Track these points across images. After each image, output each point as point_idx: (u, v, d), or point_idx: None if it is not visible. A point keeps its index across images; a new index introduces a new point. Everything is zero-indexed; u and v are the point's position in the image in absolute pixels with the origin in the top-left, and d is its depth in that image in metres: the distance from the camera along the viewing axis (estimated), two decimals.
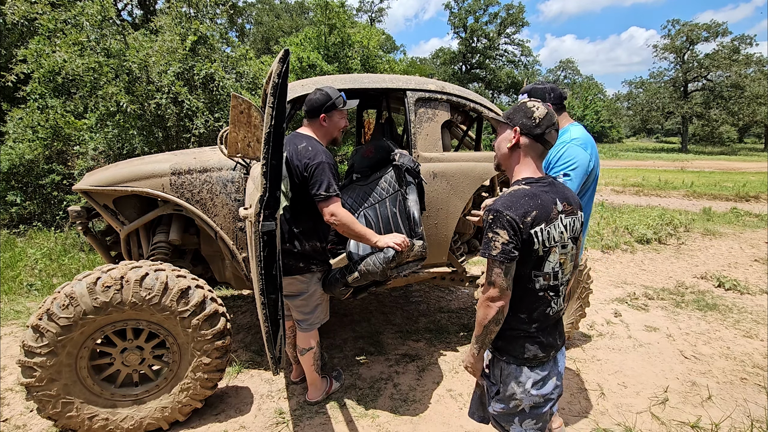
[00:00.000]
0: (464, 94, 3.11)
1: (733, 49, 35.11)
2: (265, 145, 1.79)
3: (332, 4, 8.79)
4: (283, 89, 1.85)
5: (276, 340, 2.04)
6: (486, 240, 1.39)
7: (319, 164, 2.17)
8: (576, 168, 1.95)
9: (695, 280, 5.13)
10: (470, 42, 44.45)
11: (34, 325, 2.07)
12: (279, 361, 2.09)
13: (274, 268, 1.97)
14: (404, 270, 2.33)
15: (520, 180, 1.48)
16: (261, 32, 28.05)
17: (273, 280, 1.97)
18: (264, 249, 1.88)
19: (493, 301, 1.39)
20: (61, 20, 5.83)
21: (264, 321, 1.96)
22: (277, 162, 1.92)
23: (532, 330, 1.47)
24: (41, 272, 4.92)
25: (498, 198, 1.42)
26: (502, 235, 1.35)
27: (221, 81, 6.27)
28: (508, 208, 1.37)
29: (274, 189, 1.89)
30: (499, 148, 1.55)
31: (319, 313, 2.48)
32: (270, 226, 1.88)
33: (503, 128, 1.53)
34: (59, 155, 6.90)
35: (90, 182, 2.64)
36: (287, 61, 1.86)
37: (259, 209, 1.83)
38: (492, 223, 1.37)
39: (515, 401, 1.49)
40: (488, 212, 1.39)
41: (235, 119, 2.43)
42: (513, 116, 1.49)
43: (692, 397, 2.81)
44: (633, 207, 9.77)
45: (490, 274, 1.39)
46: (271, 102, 1.78)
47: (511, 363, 1.49)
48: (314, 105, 2.33)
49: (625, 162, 25.21)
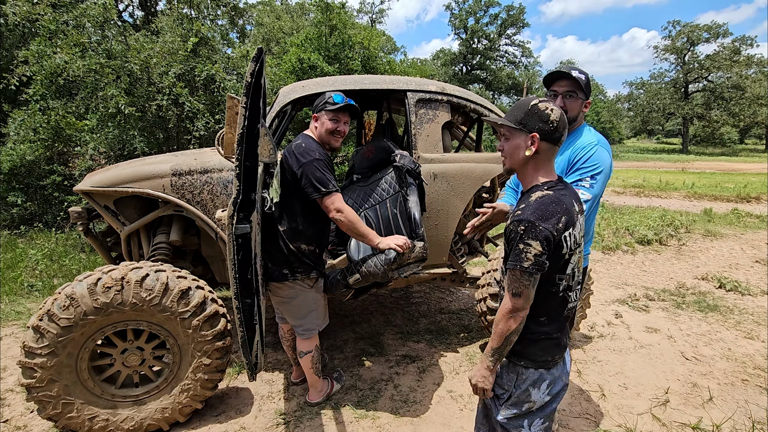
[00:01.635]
0: (465, 95, 3.11)
1: (734, 50, 35.12)
2: (238, 146, 1.73)
3: (333, 6, 8.80)
4: (256, 88, 1.82)
5: (252, 345, 2.00)
6: (517, 251, 1.33)
7: (310, 162, 2.10)
8: (602, 172, 1.92)
9: (696, 281, 5.12)
10: (471, 43, 44.48)
11: (34, 325, 2.07)
12: (255, 366, 2.04)
13: (250, 272, 1.94)
14: (405, 271, 2.33)
15: (541, 185, 1.43)
16: (262, 33, 28.06)
17: (248, 284, 1.93)
18: (238, 252, 1.83)
19: (518, 312, 1.36)
20: (62, 21, 5.84)
21: (239, 326, 1.90)
22: (251, 163, 1.88)
23: (552, 332, 1.46)
24: (42, 273, 4.92)
25: (525, 207, 1.36)
26: (535, 246, 1.31)
27: (222, 82, 6.28)
28: (540, 218, 1.32)
29: (249, 191, 1.85)
30: (513, 155, 1.45)
31: (314, 319, 2.43)
32: (244, 229, 1.84)
33: (516, 134, 1.43)
34: (60, 156, 6.91)
35: (91, 183, 2.65)
36: (261, 60, 1.82)
37: (233, 212, 1.78)
38: (524, 234, 1.32)
39: (529, 404, 1.47)
40: (518, 223, 1.33)
41: (231, 120, 2.43)
42: (527, 121, 1.40)
43: (693, 398, 2.80)
44: (634, 208, 9.76)
45: (517, 285, 1.35)
46: (244, 102, 1.74)
47: (530, 367, 1.45)
48: (314, 104, 2.35)
49: (625, 163, 25.19)
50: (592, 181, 1.89)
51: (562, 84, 1.95)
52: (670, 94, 38.74)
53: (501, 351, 1.42)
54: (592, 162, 1.91)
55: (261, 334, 2.10)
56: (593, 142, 1.95)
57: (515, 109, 1.44)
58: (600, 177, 1.90)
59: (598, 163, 1.91)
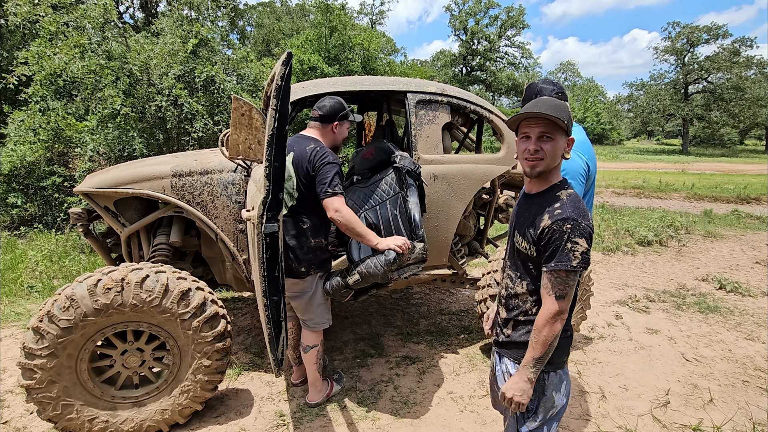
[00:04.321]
0: (465, 97, 3.11)
1: (734, 51, 35.16)
2: (268, 147, 1.79)
3: (333, 7, 8.81)
4: (286, 92, 1.86)
5: (278, 342, 2.04)
6: (564, 251, 1.30)
7: (328, 164, 2.25)
8: (573, 175, 1.96)
9: (696, 283, 5.12)
10: (471, 44, 44.53)
11: (34, 326, 2.07)
12: (281, 363, 2.09)
13: (277, 270, 1.97)
14: (405, 272, 2.33)
15: (560, 184, 1.42)
16: (262, 35, 28.13)
17: (275, 282, 1.97)
18: (266, 251, 1.88)
19: (563, 315, 1.32)
20: (63, 23, 5.85)
21: (266, 323, 1.96)
22: (279, 164, 1.92)
23: (569, 329, 1.46)
24: (42, 274, 4.92)
25: (562, 206, 1.34)
26: (581, 243, 1.29)
27: (222, 83, 6.29)
28: (581, 216, 1.31)
29: (277, 191, 1.89)
30: (555, 157, 1.38)
31: (324, 312, 2.52)
32: (273, 228, 1.88)
33: (560, 134, 1.37)
34: (60, 157, 6.91)
35: (91, 184, 2.65)
36: (290, 63, 1.86)
37: (262, 211, 1.83)
38: (571, 232, 1.29)
39: (552, 410, 1.46)
40: (563, 221, 1.31)
41: (236, 121, 2.43)
42: (569, 124, 1.36)
43: (694, 399, 2.80)
44: (634, 209, 9.76)
45: (563, 287, 1.31)
46: (275, 104, 1.78)
47: (551, 371, 1.44)
48: (330, 111, 2.40)
49: (625, 164, 25.19)
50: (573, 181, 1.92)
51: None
52: (670, 95, 38.77)
53: (544, 360, 1.36)
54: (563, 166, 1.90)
55: (286, 331, 2.13)
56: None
57: (556, 109, 1.32)
58: (570, 180, 1.91)
59: (565, 169, 1.93)
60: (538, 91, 2.01)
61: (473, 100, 3.14)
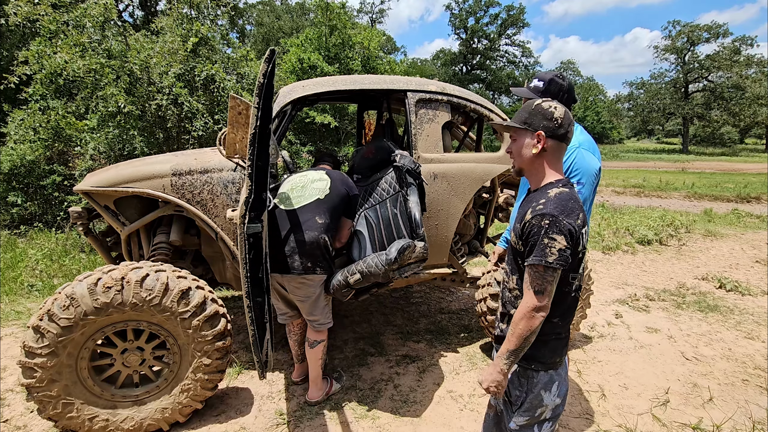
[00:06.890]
0: (465, 95, 3.11)
1: (734, 50, 35.12)
2: (250, 146, 1.75)
3: (333, 6, 8.80)
4: (268, 89, 1.83)
5: (262, 344, 2.01)
6: (541, 246, 1.31)
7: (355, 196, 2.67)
8: (588, 175, 1.91)
9: (696, 282, 5.12)
10: (471, 43, 44.50)
11: (34, 325, 2.07)
12: (266, 365, 2.06)
13: (261, 271, 1.95)
14: (406, 271, 2.33)
15: (555, 182, 1.42)
16: (262, 33, 28.09)
17: (259, 283, 1.94)
18: (249, 251, 1.85)
19: (540, 311, 1.32)
20: (63, 22, 5.84)
21: (250, 324, 1.92)
22: (263, 163, 1.90)
23: (562, 331, 1.45)
24: (42, 273, 4.92)
25: (546, 202, 1.35)
26: (559, 240, 1.29)
27: (222, 82, 6.27)
28: (563, 213, 1.31)
29: (260, 190, 1.87)
30: (521, 155, 1.46)
31: (328, 313, 2.57)
32: (256, 228, 1.85)
33: (522, 134, 1.45)
34: (60, 156, 6.91)
35: (91, 183, 2.65)
36: (273, 61, 1.83)
37: (245, 211, 1.79)
38: (548, 228, 1.30)
39: (542, 408, 1.45)
40: (542, 217, 1.32)
41: (233, 120, 2.43)
42: (531, 120, 1.41)
43: (693, 398, 2.80)
44: (634, 208, 9.76)
45: (540, 282, 1.32)
46: (257, 103, 1.75)
47: (540, 370, 1.44)
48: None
49: (625, 163, 25.19)
50: (579, 186, 1.89)
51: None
52: (670, 94, 38.74)
53: (518, 353, 1.37)
54: (576, 166, 1.89)
55: (271, 332, 2.10)
56: (574, 145, 1.92)
57: (520, 111, 1.47)
58: (587, 180, 1.89)
59: (583, 167, 1.90)
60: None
61: (473, 99, 3.14)
